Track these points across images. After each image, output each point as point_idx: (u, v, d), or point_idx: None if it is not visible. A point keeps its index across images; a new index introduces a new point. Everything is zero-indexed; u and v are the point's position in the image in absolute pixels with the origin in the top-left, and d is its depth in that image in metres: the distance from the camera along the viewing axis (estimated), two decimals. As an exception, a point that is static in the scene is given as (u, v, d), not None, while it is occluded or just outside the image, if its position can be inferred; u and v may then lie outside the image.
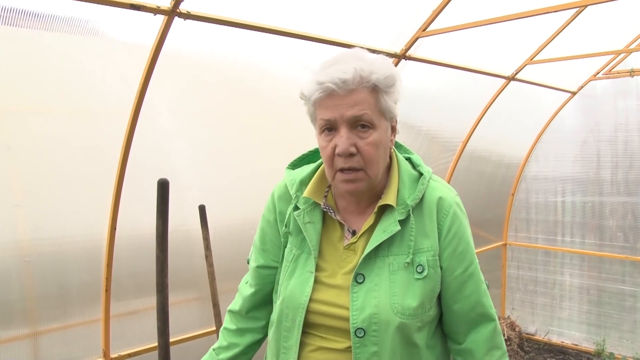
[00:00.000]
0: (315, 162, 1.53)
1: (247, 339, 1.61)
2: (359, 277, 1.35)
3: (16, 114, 2.28)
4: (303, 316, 1.38)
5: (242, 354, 1.61)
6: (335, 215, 1.43)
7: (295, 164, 1.57)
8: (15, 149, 2.29)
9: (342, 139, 1.29)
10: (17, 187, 2.37)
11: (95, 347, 2.68)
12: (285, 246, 1.50)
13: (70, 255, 2.55)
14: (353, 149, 1.29)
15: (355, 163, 1.30)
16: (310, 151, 1.57)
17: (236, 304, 1.64)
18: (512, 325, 5.44)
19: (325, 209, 1.43)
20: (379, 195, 1.41)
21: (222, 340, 1.63)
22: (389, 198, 1.36)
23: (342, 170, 1.32)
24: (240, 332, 1.61)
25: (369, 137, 1.30)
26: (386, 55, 3.32)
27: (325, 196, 1.47)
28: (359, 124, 1.29)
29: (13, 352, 2.43)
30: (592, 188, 5.22)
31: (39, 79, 2.29)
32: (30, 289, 2.45)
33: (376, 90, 1.30)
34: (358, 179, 1.32)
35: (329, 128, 1.32)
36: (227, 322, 1.65)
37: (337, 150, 1.30)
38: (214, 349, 1.62)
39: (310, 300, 1.38)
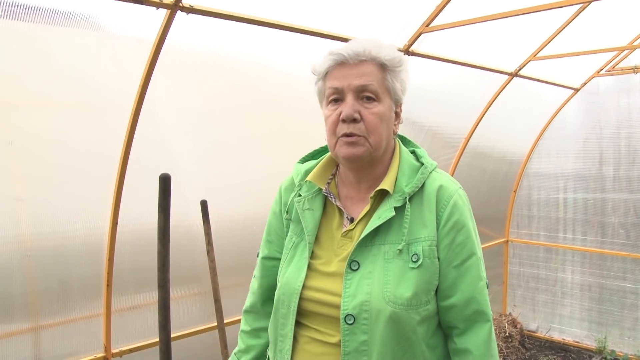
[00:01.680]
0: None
1: (264, 339, 1.62)
2: (353, 264, 1.35)
3: (18, 108, 2.27)
4: (297, 302, 1.39)
5: (263, 355, 1.62)
6: (335, 201, 1.46)
7: (306, 159, 1.60)
8: (17, 143, 2.29)
9: (348, 105, 1.35)
10: (19, 181, 2.37)
11: (96, 341, 2.69)
12: (287, 234, 1.52)
13: (71, 249, 2.55)
14: (357, 115, 1.34)
15: (358, 130, 1.35)
16: (321, 147, 1.60)
17: (248, 302, 1.66)
18: (513, 322, 5.44)
19: (326, 194, 1.46)
20: (378, 183, 1.42)
21: (240, 343, 1.65)
22: (386, 184, 1.38)
23: (344, 135, 1.36)
24: (255, 332, 1.63)
25: (374, 107, 1.36)
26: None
27: (329, 183, 1.49)
28: (364, 95, 1.36)
29: (14, 346, 2.43)
30: (594, 185, 5.20)
31: (41, 74, 2.28)
32: (31, 284, 2.45)
33: (384, 67, 1.37)
34: (359, 143, 1.36)
35: (335, 99, 1.38)
36: (243, 323, 1.67)
37: (342, 116, 1.35)
38: (235, 353, 1.65)
39: (304, 287, 1.39)
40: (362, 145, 1.36)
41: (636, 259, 4.95)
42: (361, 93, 1.35)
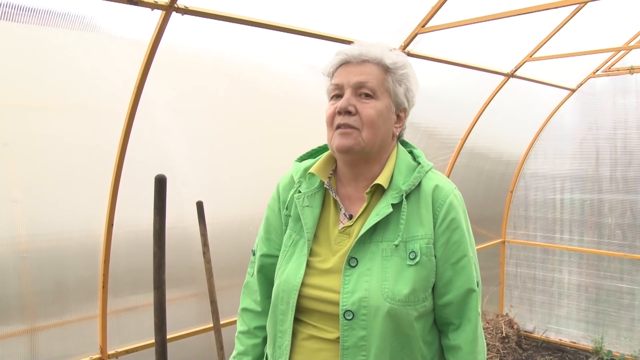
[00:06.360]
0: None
1: (262, 338, 1.62)
2: (352, 261, 1.38)
3: (13, 110, 2.27)
4: (296, 298, 1.41)
5: (261, 355, 1.62)
6: (334, 195, 1.48)
7: (304, 158, 1.63)
8: (12, 144, 2.28)
9: (344, 99, 1.41)
10: (14, 182, 2.36)
11: (92, 343, 2.68)
12: (286, 232, 1.54)
13: (67, 251, 2.54)
14: (352, 108, 1.39)
15: (352, 121, 1.40)
16: (319, 147, 1.64)
17: (244, 301, 1.66)
18: (510, 323, 5.45)
19: (327, 187, 1.49)
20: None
21: (238, 345, 1.64)
22: (381, 179, 1.42)
23: (339, 126, 1.40)
24: (253, 332, 1.63)
25: (370, 103, 1.40)
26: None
27: (329, 178, 1.52)
28: (362, 92, 1.40)
29: (10, 348, 2.42)
30: (591, 185, 5.21)
31: (35, 75, 2.28)
32: (27, 285, 2.44)
33: (386, 69, 1.43)
34: (352, 135, 1.39)
35: (336, 95, 1.44)
36: (240, 324, 1.66)
37: (337, 108, 1.40)
38: (233, 357, 1.64)
39: (303, 284, 1.41)
40: (354, 137, 1.39)
41: (633, 259, 4.96)
42: (359, 90, 1.40)
